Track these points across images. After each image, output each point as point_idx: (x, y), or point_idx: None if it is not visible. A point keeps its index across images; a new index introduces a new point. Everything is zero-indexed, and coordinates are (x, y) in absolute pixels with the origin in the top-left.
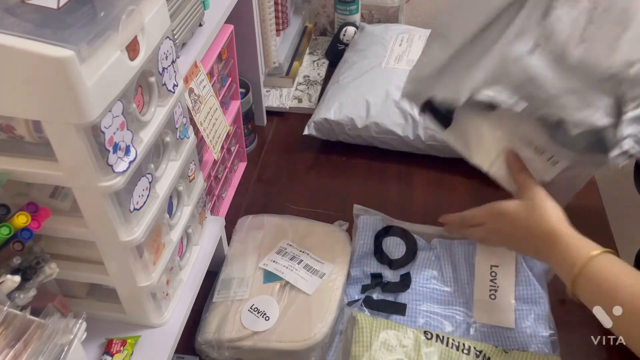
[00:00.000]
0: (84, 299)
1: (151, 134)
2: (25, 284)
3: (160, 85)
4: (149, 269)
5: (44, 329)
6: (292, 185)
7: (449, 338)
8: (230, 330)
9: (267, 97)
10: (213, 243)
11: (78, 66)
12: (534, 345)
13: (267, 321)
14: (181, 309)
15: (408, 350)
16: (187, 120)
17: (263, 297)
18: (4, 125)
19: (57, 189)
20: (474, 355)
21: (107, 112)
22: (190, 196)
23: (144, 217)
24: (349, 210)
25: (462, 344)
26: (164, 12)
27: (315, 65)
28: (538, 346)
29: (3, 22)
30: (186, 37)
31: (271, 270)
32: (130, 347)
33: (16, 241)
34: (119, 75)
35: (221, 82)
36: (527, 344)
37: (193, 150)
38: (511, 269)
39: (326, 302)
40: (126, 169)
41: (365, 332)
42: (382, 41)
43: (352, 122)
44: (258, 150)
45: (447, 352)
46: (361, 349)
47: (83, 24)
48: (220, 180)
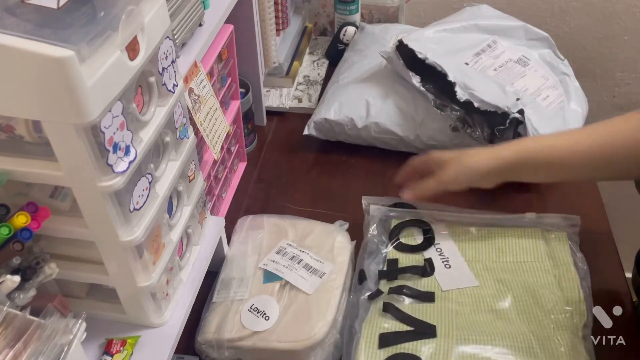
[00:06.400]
0: (84, 299)
1: (151, 134)
2: (25, 284)
3: (160, 85)
4: (149, 269)
5: (43, 329)
6: (292, 185)
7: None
8: (230, 330)
9: (267, 97)
10: (213, 243)
11: (78, 66)
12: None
13: (267, 321)
14: (181, 309)
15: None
16: (187, 120)
17: (263, 297)
18: (4, 125)
19: (57, 189)
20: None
21: (107, 112)
22: (190, 196)
23: (144, 217)
24: (349, 210)
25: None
26: (164, 12)
27: (315, 65)
28: None
29: (3, 22)
30: (186, 37)
31: (271, 270)
32: (130, 347)
33: (16, 241)
34: (118, 75)
35: (221, 82)
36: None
37: (193, 150)
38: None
39: (326, 302)
40: (126, 169)
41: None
42: (382, 41)
43: (352, 122)
44: (258, 150)
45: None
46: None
47: (83, 24)
48: (220, 180)
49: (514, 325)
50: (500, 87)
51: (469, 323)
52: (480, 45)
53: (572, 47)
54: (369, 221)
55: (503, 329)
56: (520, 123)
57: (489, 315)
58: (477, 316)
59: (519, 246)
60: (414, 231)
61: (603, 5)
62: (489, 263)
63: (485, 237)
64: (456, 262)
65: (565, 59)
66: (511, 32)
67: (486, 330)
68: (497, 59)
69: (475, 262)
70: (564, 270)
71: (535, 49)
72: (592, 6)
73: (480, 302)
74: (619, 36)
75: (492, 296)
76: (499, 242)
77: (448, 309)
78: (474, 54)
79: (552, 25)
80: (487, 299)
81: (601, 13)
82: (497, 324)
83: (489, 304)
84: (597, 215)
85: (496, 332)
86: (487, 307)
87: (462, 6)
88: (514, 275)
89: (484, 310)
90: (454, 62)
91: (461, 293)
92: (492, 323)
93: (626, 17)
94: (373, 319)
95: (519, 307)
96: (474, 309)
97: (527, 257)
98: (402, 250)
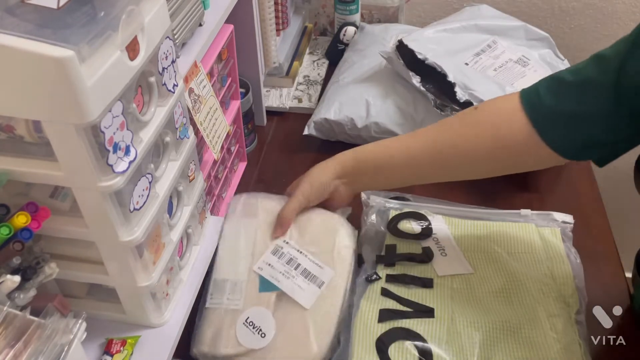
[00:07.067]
0: (84, 299)
1: (151, 134)
2: (25, 284)
3: (160, 85)
4: (149, 269)
5: (43, 329)
6: None
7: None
8: (225, 345)
9: (267, 97)
10: (213, 243)
11: (78, 66)
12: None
13: (262, 338)
14: (181, 309)
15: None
16: (187, 120)
17: (258, 310)
18: (4, 125)
19: (57, 189)
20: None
21: (107, 112)
22: (190, 196)
23: (144, 217)
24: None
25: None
26: (164, 12)
27: (315, 65)
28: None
29: (3, 22)
30: (186, 37)
31: (266, 277)
32: (130, 347)
33: (16, 241)
34: (118, 75)
35: (221, 82)
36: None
37: (193, 150)
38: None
39: (326, 317)
40: (126, 169)
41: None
42: (382, 41)
43: (352, 122)
44: (258, 150)
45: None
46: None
47: (83, 24)
48: (220, 180)
49: (508, 311)
50: (500, 87)
51: (465, 307)
52: (480, 45)
53: (572, 47)
54: (367, 211)
55: (497, 313)
56: None
57: (484, 301)
58: (472, 301)
59: (513, 239)
60: (412, 222)
61: (603, 5)
62: (484, 253)
63: (481, 230)
64: (452, 251)
65: (565, 59)
66: (511, 32)
67: (481, 313)
68: (497, 59)
69: (470, 252)
70: (557, 262)
71: (535, 49)
72: (592, 6)
73: (475, 288)
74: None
75: (487, 283)
76: (494, 235)
77: (445, 294)
78: (474, 54)
79: (552, 25)
80: (482, 285)
81: (601, 13)
82: (491, 308)
83: (484, 290)
84: (597, 215)
85: (490, 316)
86: (482, 293)
87: (462, 6)
88: (508, 265)
89: (478, 296)
90: (454, 63)
91: (457, 279)
92: (487, 307)
93: (626, 17)
94: (372, 296)
95: (513, 294)
96: (469, 294)
97: (521, 249)
98: (400, 237)
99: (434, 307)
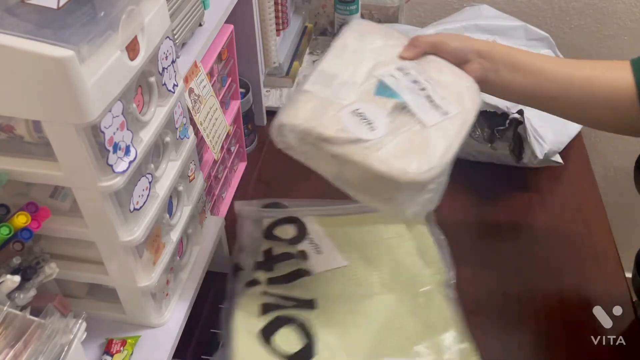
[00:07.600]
0: (84, 299)
1: (151, 134)
2: (25, 284)
3: (160, 85)
4: (149, 269)
5: (43, 329)
6: (292, 185)
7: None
8: (326, 125)
9: (267, 97)
10: (213, 243)
11: (78, 66)
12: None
13: (372, 131)
14: (181, 309)
15: None
16: (187, 120)
17: (372, 106)
18: (4, 125)
19: (57, 189)
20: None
21: (107, 112)
22: (190, 196)
23: (143, 217)
24: None
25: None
26: (164, 12)
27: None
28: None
29: (3, 22)
30: (186, 37)
31: (388, 84)
32: (130, 347)
33: (16, 241)
34: (119, 75)
35: (221, 82)
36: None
37: (193, 150)
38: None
39: (445, 143)
40: (126, 169)
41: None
42: None
43: None
44: (258, 150)
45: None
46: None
47: (83, 24)
48: (220, 180)
49: (382, 293)
50: None
51: (343, 294)
52: None
53: (572, 47)
54: (242, 222)
55: (371, 297)
56: (520, 123)
57: (358, 288)
58: (349, 288)
59: (382, 227)
60: (286, 227)
61: (603, 5)
62: (357, 245)
63: (351, 223)
64: (327, 248)
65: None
66: (511, 32)
67: (359, 299)
68: None
69: (344, 246)
70: (422, 239)
71: (535, 49)
72: (592, 6)
73: (349, 279)
74: (619, 36)
75: (360, 272)
76: (364, 226)
77: (324, 286)
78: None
79: (552, 25)
80: (355, 275)
81: (601, 13)
82: (365, 292)
83: (358, 279)
84: (597, 215)
85: (371, 300)
86: (355, 282)
87: (462, 6)
88: (379, 251)
89: (352, 285)
90: None
91: (333, 273)
92: (363, 292)
93: (626, 17)
94: (253, 294)
95: (385, 276)
96: (344, 285)
97: (389, 234)
98: (276, 240)
99: (314, 298)
